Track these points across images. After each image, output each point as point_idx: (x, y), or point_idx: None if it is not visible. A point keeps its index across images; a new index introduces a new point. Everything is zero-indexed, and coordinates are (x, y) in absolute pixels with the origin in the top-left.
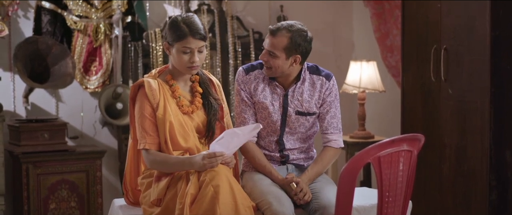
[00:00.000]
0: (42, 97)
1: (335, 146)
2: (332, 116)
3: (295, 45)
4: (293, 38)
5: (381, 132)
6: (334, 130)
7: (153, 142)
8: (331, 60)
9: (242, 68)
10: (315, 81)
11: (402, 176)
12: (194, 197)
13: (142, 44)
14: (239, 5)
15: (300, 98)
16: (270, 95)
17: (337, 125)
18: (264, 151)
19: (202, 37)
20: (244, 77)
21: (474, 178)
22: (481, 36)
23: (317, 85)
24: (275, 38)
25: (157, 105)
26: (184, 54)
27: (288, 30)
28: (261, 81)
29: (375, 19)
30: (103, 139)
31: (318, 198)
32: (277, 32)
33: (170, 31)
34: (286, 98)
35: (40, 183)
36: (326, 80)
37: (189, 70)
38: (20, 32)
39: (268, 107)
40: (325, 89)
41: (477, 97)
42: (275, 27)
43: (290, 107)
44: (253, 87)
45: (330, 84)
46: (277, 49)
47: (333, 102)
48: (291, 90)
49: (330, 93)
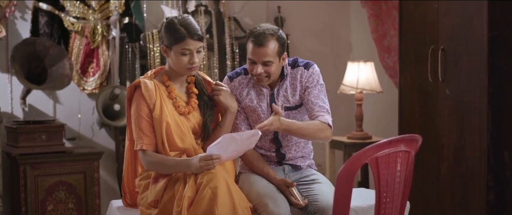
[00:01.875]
0: (40, 98)
1: (322, 120)
2: (315, 96)
3: (282, 45)
4: (279, 40)
5: (379, 133)
6: (320, 108)
7: (150, 142)
8: (329, 60)
9: (227, 76)
10: (295, 74)
11: (399, 176)
12: (192, 200)
13: (139, 46)
14: (236, 6)
15: (285, 94)
16: (256, 97)
17: (322, 105)
18: (260, 151)
19: (200, 38)
20: (229, 85)
21: (472, 178)
22: (479, 37)
23: (297, 77)
24: (265, 47)
25: (153, 106)
26: (183, 56)
27: (272, 35)
28: (245, 86)
29: (373, 19)
30: (100, 140)
31: (317, 200)
32: (265, 41)
33: (168, 34)
34: (272, 97)
35: (37, 185)
36: (305, 69)
37: (189, 71)
38: (18, 34)
39: (256, 109)
40: (305, 78)
41: (475, 98)
42: (258, 39)
43: (278, 105)
44: (239, 93)
45: (309, 72)
46: (271, 57)
47: (315, 87)
48: (276, 89)
49: (310, 80)
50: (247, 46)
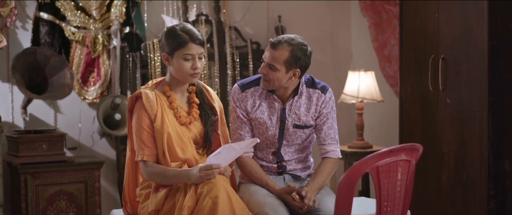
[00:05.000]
0: (40, 108)
1: (333, 157)
2: (329, 127)
3: (295, 58)
4: (293, 52)
5: (380, 142)
6: (331, 140)
7: (151, 153)
8: (329, 70)
9: (238, 85)
10: (311, 94)
11: (400, 185)
12: (192, 210)
13: (140, 55)
14: (237, 15)
15: (297, 112)
16: (268, 110)
17: (334, 136)
18: (262, 162)
19: (201, 43)
20: (240, 94)
21: (473, 187)
22: (479, 46)
23: (313, 99)
24: (276, 51)
25: (155, 117)
26: (185, 62)
27: (289, 44)
28: (258, 98)
29: (373, 29)
30: (101, 149)
31: (318, 210)
32: (278, 45)
33: (169, 41)
34: (284, 112)
35: (38, 194)
36: (322, 93)
37: (191, 77)
38: (18, 43)
39: (265, 122)
40: (321, 102)
41: (475, 107)
42: (276, 40)
43: (288, 121)
44: (250, 104)
45: (326, 97)
46: (277, 62)
47: (329, 114)
48: (288, 104)
49: (326, 106)
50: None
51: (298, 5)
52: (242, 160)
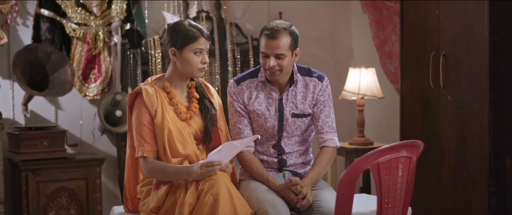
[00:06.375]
0: (41, 105)
1: (331, 145)
2: (327, 115)
3: (295, 40)
4: (292, 35)
5: (380, 139)
6: (329, 129)
7: (151, 149)
8: (330, 66)
9: (233, 80)
10: (307, 82)
11: (401, 182)
12: (193, 207)
13: (141, 52)
14: (238, 12)
15: (294, 100)
16: (265, 101)
17: (332, 124)
18: (262, 156)
19: (209, 38)
20: (235, 88)
21: (474, 184)
22: (480, 42)
23: (310, 87)
24: (278, 40)
25: (155, 113)
26: (195, 56)
27: (285, 29)
28: (254, 89)
29: (374, 25)
30: (102, 146)
31: (319, 206)
32: (277, 34)
33: (179, 36)
34: (281, 103)
35: (39, 191)
36: (319, 81)
37: (199, 72)
38: (19, 40)
39: (264, 113)
40: (318, 90)
41: (476, 103)
42: (271, 31)
43: (286, 110)
44: (247, 96)
45: (323, 85)
46: (284, 49)
47: (326, 102)
48: (285, 94)
49: (323, 94)
50: (260, 41)
51: (299, 1)
52: (243, 155)
